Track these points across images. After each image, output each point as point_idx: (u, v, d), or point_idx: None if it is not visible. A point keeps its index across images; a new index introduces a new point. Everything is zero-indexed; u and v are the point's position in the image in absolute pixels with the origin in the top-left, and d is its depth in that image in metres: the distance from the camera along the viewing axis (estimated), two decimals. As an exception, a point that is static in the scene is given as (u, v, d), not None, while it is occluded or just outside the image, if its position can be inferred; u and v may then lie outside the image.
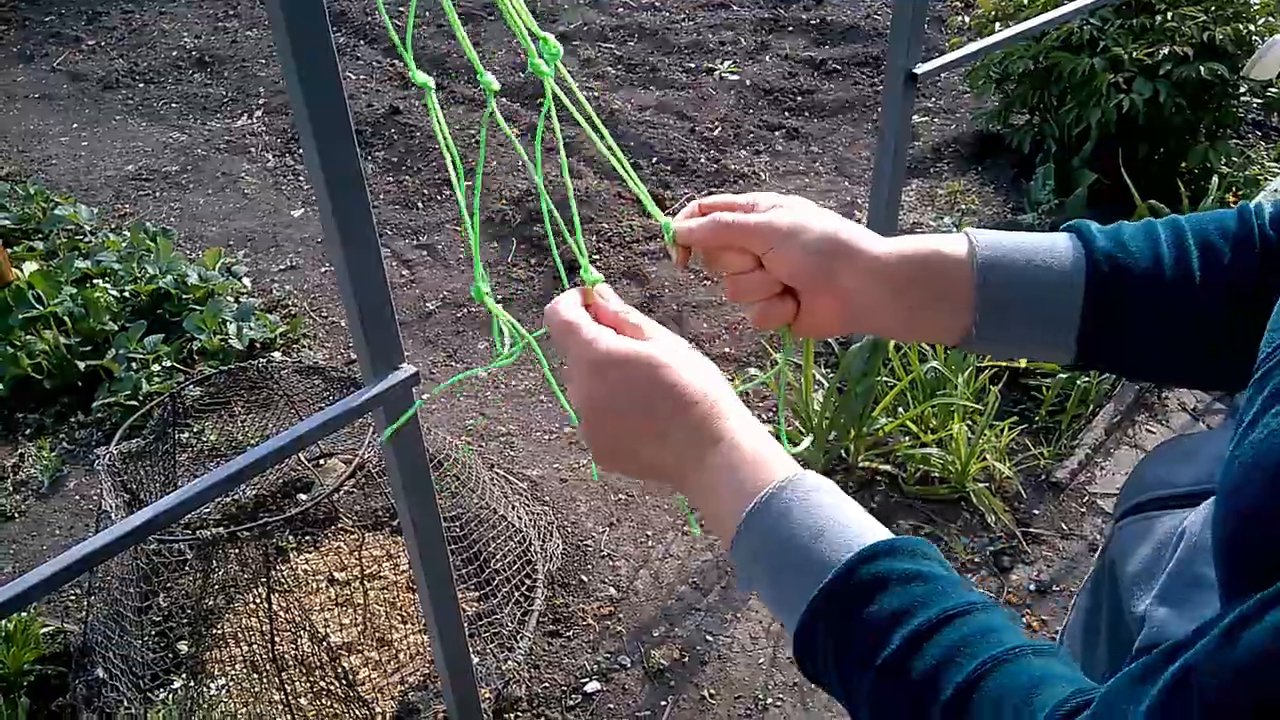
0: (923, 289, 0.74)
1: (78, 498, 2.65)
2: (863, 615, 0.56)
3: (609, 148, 0.80)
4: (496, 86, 0.78)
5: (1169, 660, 0.44)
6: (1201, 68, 3.19)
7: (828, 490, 0.64)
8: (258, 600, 1.97)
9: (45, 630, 2.18)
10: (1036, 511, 2.47)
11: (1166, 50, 3.23)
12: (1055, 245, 0.73)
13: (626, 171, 0.80)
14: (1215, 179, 3.26)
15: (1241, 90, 3.42)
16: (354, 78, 5.11)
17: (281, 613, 2.02)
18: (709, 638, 2.20)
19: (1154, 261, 0.71)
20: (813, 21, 5.56)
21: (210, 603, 2.14)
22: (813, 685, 2.08)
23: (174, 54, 5.48)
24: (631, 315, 0.74)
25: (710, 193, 3.91)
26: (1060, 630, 0.84)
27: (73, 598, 2.33)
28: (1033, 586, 2.28)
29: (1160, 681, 0.44)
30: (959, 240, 0.74)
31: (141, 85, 5.18)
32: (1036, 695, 0.49)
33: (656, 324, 0.73)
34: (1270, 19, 3.34)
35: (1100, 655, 0.74)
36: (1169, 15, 3.32)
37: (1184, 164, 3.50)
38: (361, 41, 5.58)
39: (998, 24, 3.62)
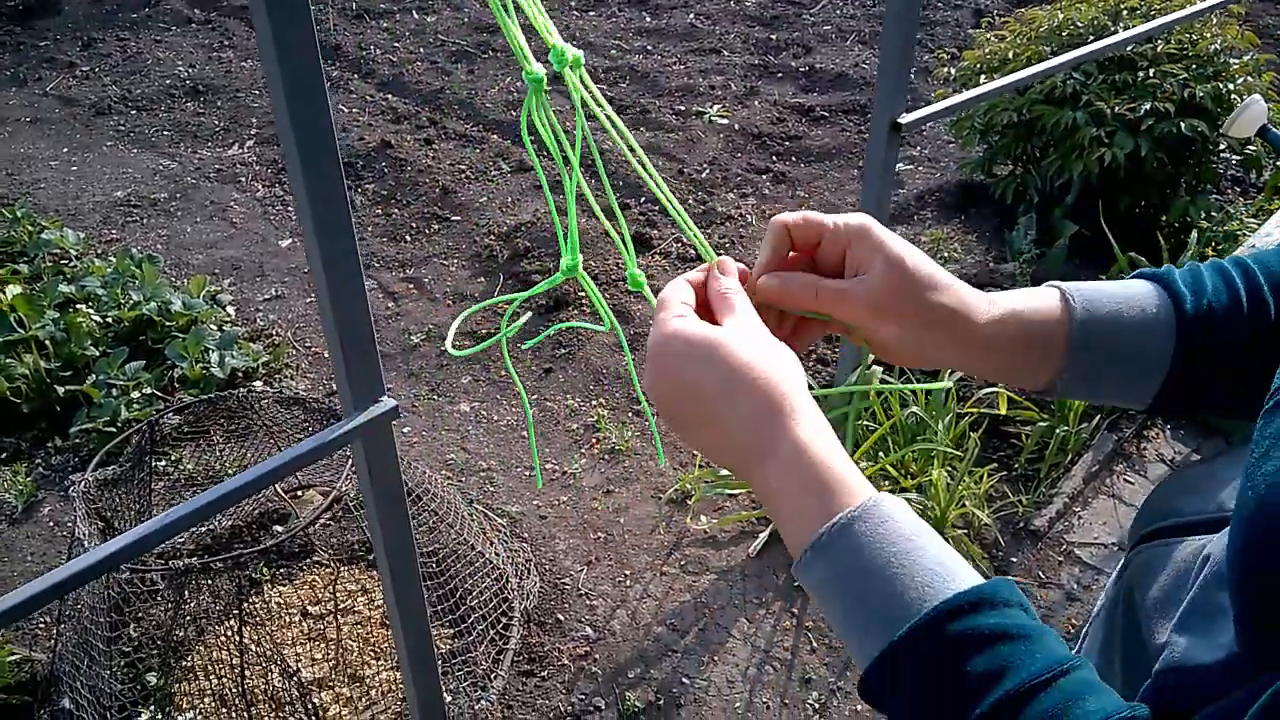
0: (1018, 350, 0.74)
1: (51, 524, 2.62)
2: (949, 674, 0.54)
3: (641, 163, 0.78)
4: (541, 73, 0.73)
5: None
6: (1182, 124, 3.25)
7: (902, 520, 0.60)
8: (229, 633, 1.95)
9: (12, 658, 2.15)
10: (1015, 559, 2.47)
11: (1148, 106, 3.29)
12: (1145, 300, 0.74)
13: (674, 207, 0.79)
14: (1195, 233, 3.31)
15: (1221, 147, 3.48)
16: (347, 111, 5.14)
17: (253, 646, 2.00)
18: (685, 680, 2.18)
19: (1233, 309, 0.73)
20: (802, 69, 5.64)
21: (181, 634, 2.11)
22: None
23: (168, 82, 5.51)
24: (731, 295, 0.72)
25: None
26: None
27: (42, 625, 2.30)
28: (1010, 635, 2.27)
29: None
30: (1050, 296, 0.74)
31: (134, 112, 5.19)
32: None
33: (750, 311, 0.71)
34: (1248, 78, 3.41)
35: (1115, 680, 0.74)
36: (1150, 72, 3.39)
37: (1164, 217, 3.55)
38: (355, 76, 5.62)
39: (983, 76, 3.68)
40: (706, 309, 0.73)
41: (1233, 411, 0.79)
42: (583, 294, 3.52)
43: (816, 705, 2.13)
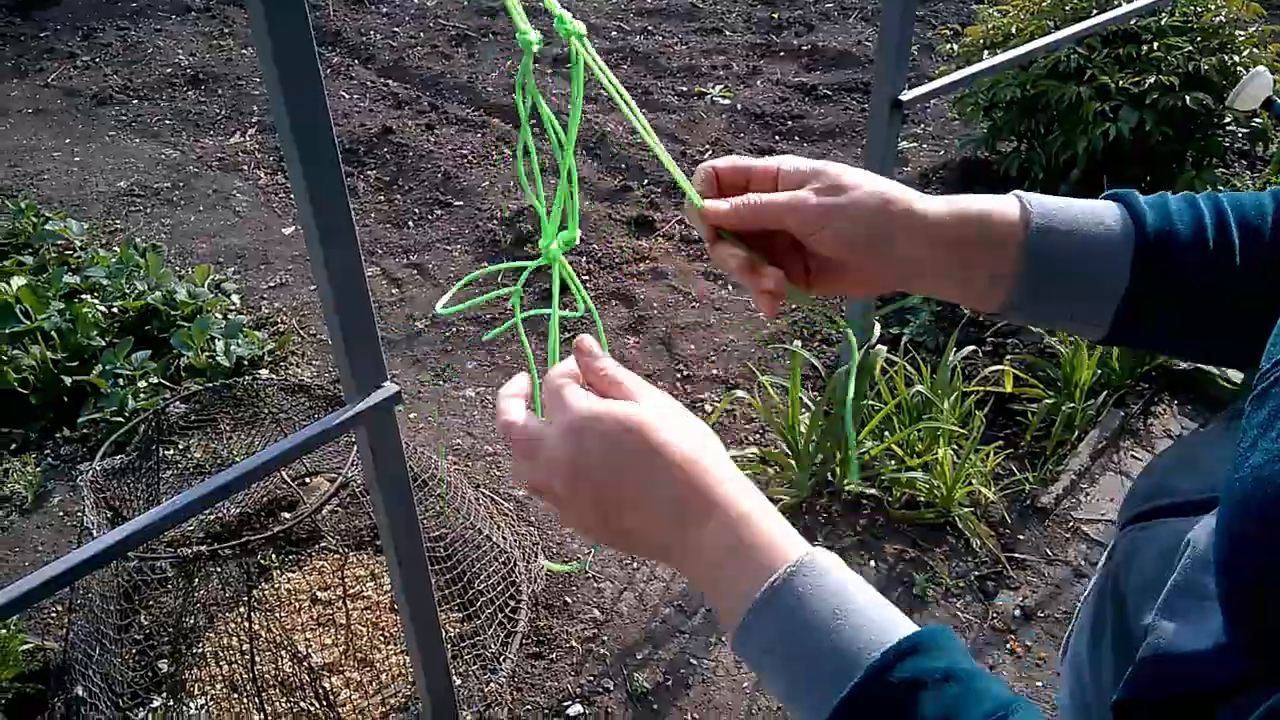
0: (971, 251, 0.71)
1: (61, 514, 2.63)
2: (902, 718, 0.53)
3: (639, 124, 0.77)
4: (535, 38, 0.74)
5: None
6: (1187, 97, 3.23)
7: (838, 572, 0.59)
8: (239, 619, 1.96)
9: (25, 648, 2.17)
10: (1021, 536, 2.47)
11: (1153, 79, 3.26)
12: (1104, 214, 0.71)
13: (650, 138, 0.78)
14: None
15: (1227, 120, 3.46)
16: (348, 97, 5.13)
17: (263, 632, 2.01)
18: (693, 661, 2.19)
19: (1198, 236, 0.70)
20: (804, 47, 5.60)
21: (191, 621, 2.13)
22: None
23: (168, 71, 5.50)
24: (618, 374, 0.69)
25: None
26: (1065, 637, 0.85)
27: (54, 615, 2.32)
28: (1017, 612, 2.28)
29: None
30: (1009, 203, 0.72)
31: (135, 102, 5.19)
32: None
33: (643, 383, 0.68)
34: (1254, 50, 3.38)
35: (1105, 661, 0.75)
36: (1155, 45, 3.36)
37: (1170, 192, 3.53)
38: (355, 61, 5.61)
39: (986, 52, 3.66)
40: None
41: (1193, 353, 0.77)
42: (588, 276, 3.51)
43: (824, 684, 2.14)
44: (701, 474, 0.62)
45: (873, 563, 2.40)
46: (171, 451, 2.58)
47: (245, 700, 2.01)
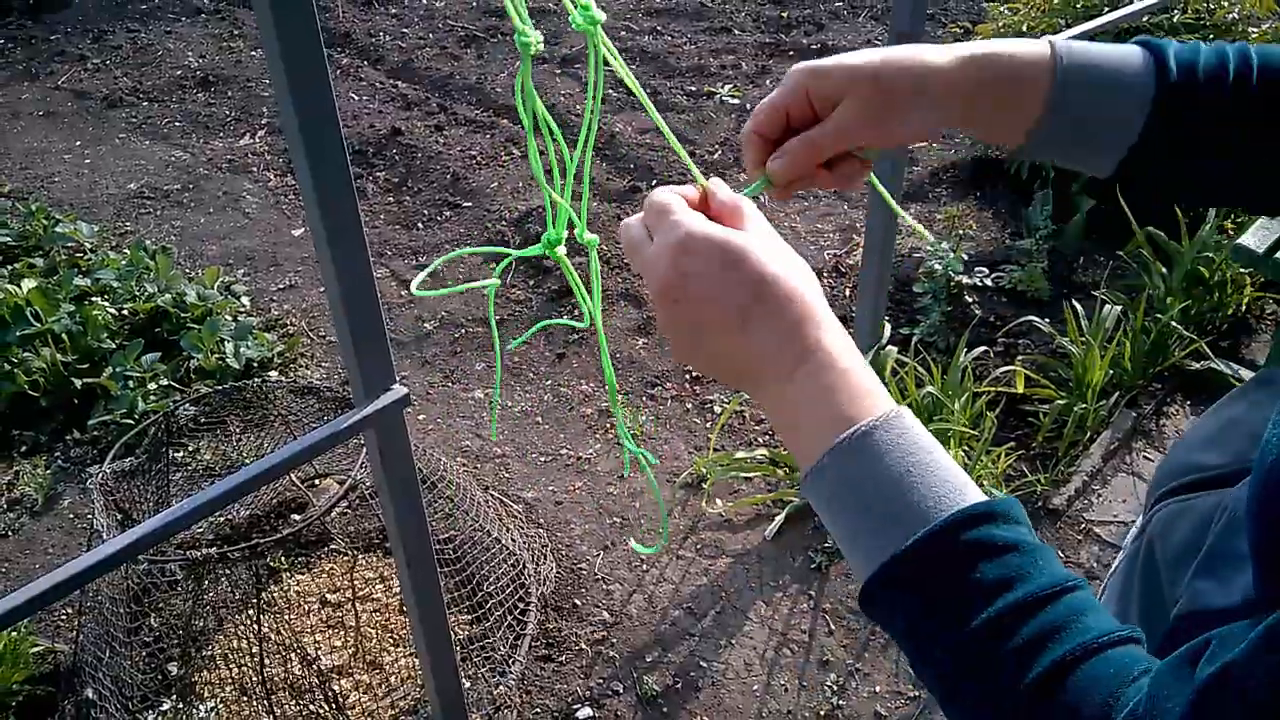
0: (994, 94, 0.72)
1: (71, 516, 2.64)
2: (960, 578, 0.55)
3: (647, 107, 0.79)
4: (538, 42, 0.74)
5: (1207, 658, 0.46)
6: (1199, 96, 3.20)
7: (920, 433, 0.60)
8: (248, 622, 1.96)
9: (35, 650, 2.17)
10: (1033, 538, 2.46)
11: (1164, 78, 3.24)
12: (1129, 57, 0.72)
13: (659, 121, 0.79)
14: (1213, 208, 3.27)
15: (1239, 118, 3.43)
16: (357, 99, 5.13)
17: (272, 635, 2.01)
18: (703, 664, 2.18)
19: (1219, 81, 0.71)
20: (814, 46, 5.59)
21: (200, 624, 2.13)
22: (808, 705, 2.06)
23: (178, 73, 5.51)
24: (741, 203, 0.71)
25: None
26: None
27: (64, 617, 2.32)
28: (1029, 614, 2.26)
29: (1200, 679, 0.45)
30: (1040, 47, 0.73)
31: (145, 104, 5.20)
32: (1123, 691, 0.50)
33: (761, 217, 0.70)
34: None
35: None
36: (1167, 43, 3.34)
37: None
38: (365, 63, 5.61)
39: (997, 51, 3.64)
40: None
41: (1202, 196, 0.78)
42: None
43: (835, 687, 2.13)
44: (810, 313, 0.64)
45: (884, 565, 2.39)
46: (181, 454, 2.58)
47: (255, 703, 2.01)
